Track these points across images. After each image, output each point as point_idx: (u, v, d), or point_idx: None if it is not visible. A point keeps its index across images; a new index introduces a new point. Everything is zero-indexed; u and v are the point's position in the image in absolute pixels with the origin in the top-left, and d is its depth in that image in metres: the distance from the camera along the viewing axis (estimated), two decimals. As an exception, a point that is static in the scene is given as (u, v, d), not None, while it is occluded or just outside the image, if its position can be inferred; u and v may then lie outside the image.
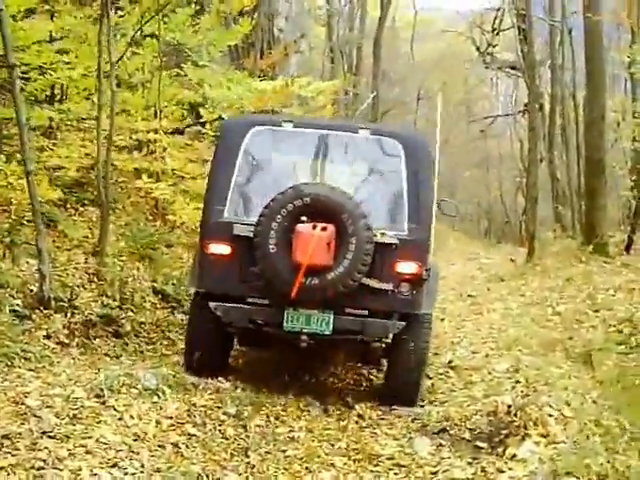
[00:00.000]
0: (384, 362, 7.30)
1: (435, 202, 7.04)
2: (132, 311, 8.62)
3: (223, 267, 6.50)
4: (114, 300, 8.40)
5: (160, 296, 9.39)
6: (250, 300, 6.55)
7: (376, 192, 6.89)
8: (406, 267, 6.46)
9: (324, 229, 6.14)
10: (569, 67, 20.58)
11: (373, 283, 6.39)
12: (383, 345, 6.86)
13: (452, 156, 36.68)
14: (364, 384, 7.59)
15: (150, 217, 12.25)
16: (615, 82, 22.03)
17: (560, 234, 19.61)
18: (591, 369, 8.13)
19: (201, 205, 7.01)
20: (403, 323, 6.52)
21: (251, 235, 6.35)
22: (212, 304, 6.50)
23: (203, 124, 12.73)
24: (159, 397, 5.65)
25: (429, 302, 6.74)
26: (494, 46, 27.98)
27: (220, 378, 6.60)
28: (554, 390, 6.79)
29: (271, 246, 6.22)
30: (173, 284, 9.81)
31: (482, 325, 10.47)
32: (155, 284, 9.57)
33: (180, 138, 12.03)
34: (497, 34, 28.14)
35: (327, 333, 6.43)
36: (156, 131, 11.66)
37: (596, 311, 10.73)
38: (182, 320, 9.08)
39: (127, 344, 7.84)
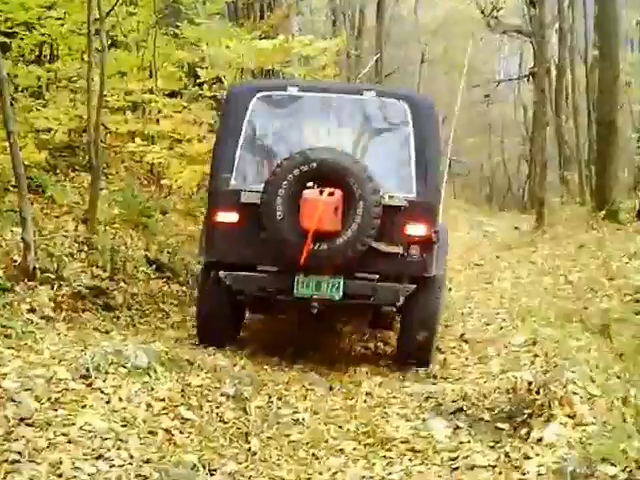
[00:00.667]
0: (396, 326, 7.17)
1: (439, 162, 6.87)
2: (124, 282, 8.15)
3: (232, 235, 6.41)
4: (105, 271, 7.92)
5: (154, 266, 8.91)
6: (260, 268, 6.44)
7: (384, 154, 6.75)
8: (415, 229, 6.37)
9: (331, 194, 6.07)
10: (578, 29, 19.85)
11: (383, 247, 6.31)
12: (394, 309, 6.64)
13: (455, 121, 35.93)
14: (372, 359, 7.12)
15: (145, 182, 11.78)
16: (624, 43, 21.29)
17: (567, 200, 19.09)
18: (609, 341, 7.69)
19: (196, 168, 6.67)
20: (413, 286, 6.41)
21: (259, 202, 6.24)
22: (222, 273, 6.40)
23: (201, 85, 12.16)
24: (150, 377, 5.13)
25: (440, 264, 6.63)
26: (499, 9, 27.22)
27: (218, 355, 6.14)
28: (576, 364, 6.35)
29: (279, 213, 6.13)
30: (168, 253, 9.35)
31: (493, 295, 9.99)
32: (149, 253, 9.10)
33: (177, 100, 11.44)
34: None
35: (337, 298, 6.34)
36: (151, 91, 11.11)
37: (611, 279, 10.24)
38: (177, 291, 8.63)
39: (118, 317, 7.33)
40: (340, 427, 5.24)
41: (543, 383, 5.52)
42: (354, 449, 4.90)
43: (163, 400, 4.87)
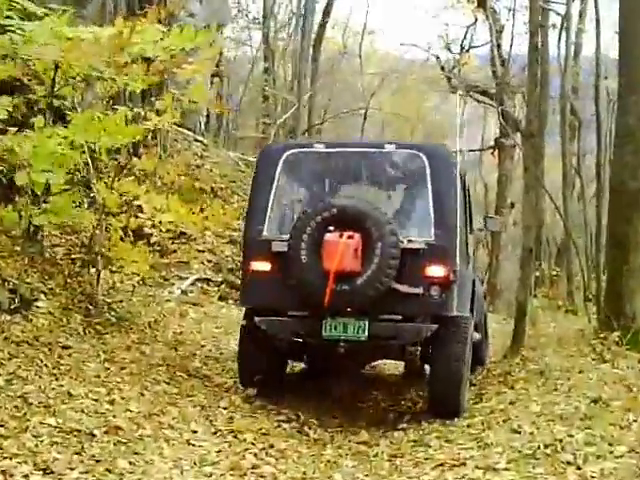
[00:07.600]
0: (426, 372, 7.91)
1: (458, 210, 7.31)
2: None
3: (265, 283, 7.20)
4: None
5: None
6: (290, 313, 7.26)
7: (404, 201, 7.96)
8: (434, 270, 7.02)
9: (350, 237, 6.84)
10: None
11: (403, 288, 6.96)
12: (419, 348, 7.29)
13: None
14: None
15: None
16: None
17: (547, 305, 14.40)
18: None
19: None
20: (435, 326, 7.08)
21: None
22: (257, 318, 7.25)
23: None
24: None
25: (462, 304, 7.34)
26: (463, 64, 23.13)
27: None
28: None
29: (303, 256, 6.93)
30: None
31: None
32: None
33: None
34: (467, 51, 23.37)
35: (363, 339, 7.09)
36: None
37: (659, 480, 5.38)
38: None
39: None
40: None
41: None
42: None
43: None
